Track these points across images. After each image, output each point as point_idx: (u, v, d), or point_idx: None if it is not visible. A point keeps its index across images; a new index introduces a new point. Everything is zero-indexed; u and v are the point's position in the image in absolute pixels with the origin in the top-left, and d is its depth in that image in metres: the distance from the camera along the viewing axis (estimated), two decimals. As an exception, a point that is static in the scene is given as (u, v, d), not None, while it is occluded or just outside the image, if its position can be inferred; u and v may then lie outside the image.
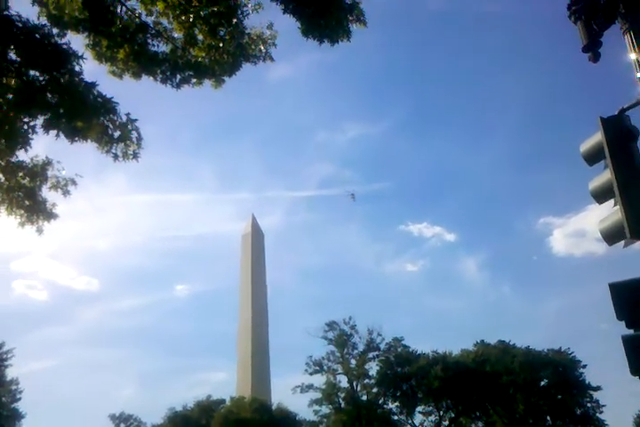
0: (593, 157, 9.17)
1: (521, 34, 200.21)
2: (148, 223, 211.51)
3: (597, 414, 71.08)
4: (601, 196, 8.89)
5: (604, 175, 8.86)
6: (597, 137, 9.03)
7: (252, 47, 9.23)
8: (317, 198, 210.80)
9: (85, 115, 7.67)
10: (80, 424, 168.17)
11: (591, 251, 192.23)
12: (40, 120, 7.47)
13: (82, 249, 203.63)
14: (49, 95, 7.37)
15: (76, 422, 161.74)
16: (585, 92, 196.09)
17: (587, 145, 9.25)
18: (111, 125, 8.20)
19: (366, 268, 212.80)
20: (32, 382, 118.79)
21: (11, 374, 58.59)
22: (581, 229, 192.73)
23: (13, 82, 7.12)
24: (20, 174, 9.15)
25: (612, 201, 8.75)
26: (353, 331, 70.21)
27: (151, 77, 8.78)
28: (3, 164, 8.87)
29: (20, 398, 59.32)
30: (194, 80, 8.95)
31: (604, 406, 70.92)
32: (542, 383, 71.85)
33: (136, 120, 8.44)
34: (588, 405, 71.40)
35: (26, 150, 7.74)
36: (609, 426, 72.48)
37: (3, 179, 9.05)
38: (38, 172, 9.23)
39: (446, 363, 70.24)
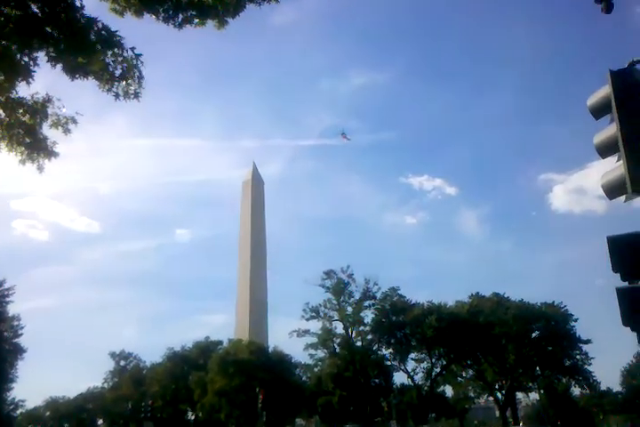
0: (599, 111, 9.04)
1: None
2: (149, 168, 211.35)
3: (586, 366, 73.20)
4: (605, 150, 8.83)
5: (609, 129, 8.76)
6: (605, 90, 8.86)
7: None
8: (320, 147, 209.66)
9: (87, 50, 7.53)
10: (81, 360, 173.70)
11: (591, 208, 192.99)
12: (41, 54, 7.37)
13: (83, 191, 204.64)
14: (49, 29, 7.24)
15: (77, 357, 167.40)
16: (595, 44, 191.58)
17: (594, 98, 9.09)
18: (112, 63, 8.07)
19: (366, 218, 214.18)
20: (34, 319, 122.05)
21: (12, 310, 59.64)
22: (582, 186, 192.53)
23: (14, 13, 6.98)
24: (20, 111, 9.03)
25: (615, 156, 8.70)
26: (350, 280, 71.34)
27: (153, 16, 8.53)
28: (2, 99, 8.75)
29: (21, 334, 60.59)
30: (196, 20, 8.72)
31: (592, 358, 72.91)
32: (534, 335, 73.58)
33: (141, 55, 8.26)
34: (578, 357, 73.33)
35: (28, 83, 7.60)
36: (597, 378, 74.97)
37: (3, 115, 8.94)
38: (38, 109, 9.11)
39: (441, 313, 71.64)
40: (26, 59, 7.35)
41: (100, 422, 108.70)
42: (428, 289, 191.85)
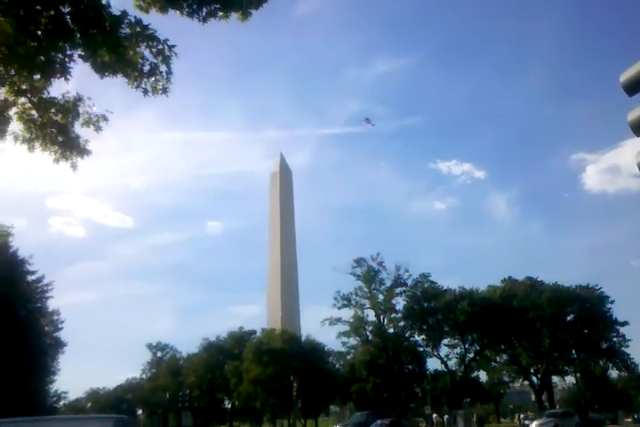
0: (633, 87, 8.77)
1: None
2: (178, 161, 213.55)
3: (623, 348, 72.20)
4: (640, 127, 8.61)
5: (645, 106, 8.55)
6: (640, 66, 8.63)
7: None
8: (346, 136, 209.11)
9: (116, 47, 7.63)
10: (118, 352, 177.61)
11: (626, 187, 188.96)
12: (74, 52, 7.50)
13: (115, 187, 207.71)
14: (78, 27, 7.36)
15: (115, 350, 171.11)
16: (628, 21, 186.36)
17: (628, 73, 8.83)
18: (141, 60, 8.15)
19: (395, 205, 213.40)
20: (73, 313, 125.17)
21: (52, 305, 60.92)
22: (616, 165, 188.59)
23: (45, 14, 7.12)
24: (53, 110, 9.21)
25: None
26: (380, 267, 71.11)
27: (177, 11, 8.58)
28: (35, 100, 8.94)
29: (61, 328, 61.80)
30: (220, 13, 8.73)
31: (630, 340, 71.84)
32: (569, 318, 72.64)
33: (174, 46, 8.32)
34: (614, 339, 72.33)
35: (66, 79, 7.73)
36: (634, 360, 73.92)
37: (36, 115, 9.15)
38: (70, 108, 9.29)
39: (473, 298, 71.15)
40: (61, 56, 7.48)
41: (140, 411, 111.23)
42: (459, 275, 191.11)
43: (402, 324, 73.09)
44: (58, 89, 9.08)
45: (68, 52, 7.47)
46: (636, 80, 8.70)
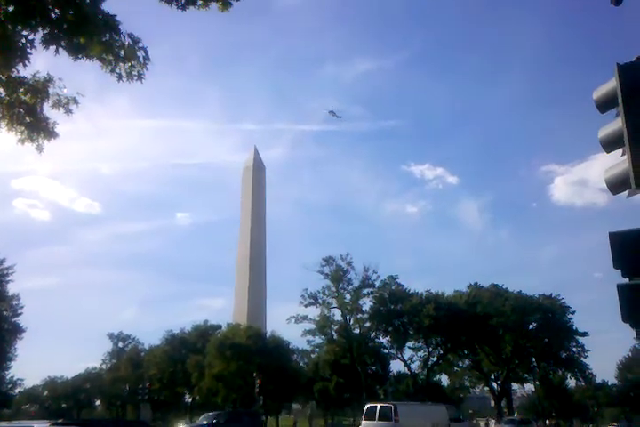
0: (605, 104, 8.93)
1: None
2: (150, 149, 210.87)
3: (582, 359, 73.71)
4: (610, 144, 8.74)
5: (614, 123, 8.67)
6: (612, 83, 8.74)
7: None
8: (323, 133, 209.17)
9: (89, 31, 7.42)
10: (79, 341, 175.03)
11: (593, 201, 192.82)
12: (39, 35, 7.23)
13: (83, 171, 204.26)
14: (50, 8, 7.13)
15: (75, 338, 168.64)
16: (603, 37, 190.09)
17: (600, 91, 8.98)
18: (116, 44, 7.96)
19: (367, 206, 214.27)
20: (33, 298, 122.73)
21: (12, 289, 59.67)
22: (584, 178, 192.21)
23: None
24: (21, 90, 8.92)
25: (620, 150, 8.63)
26: (349, 267, 71.12)
27: (155, -3, 8.41)
28: (3, 78, 8.66)
29: (21, 314, 60.71)
30: (200, 2, 8.57)
31: (588, 350, 73.37)
32: (531, 326, 73.90)
33: (139, 40, 8.13)
34: (574, 349, 73.81)
35: (24, 65, 7.49)
36: (592, 370, 75.46)
37: (3, 94, 8.84)
38: (39, 88, 9.01)
39: (438, 302, 71.79)
40: (23, 40, 7.22)
41: (98, 402, 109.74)
42: (427, 278, 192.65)
43: (367, 325, 73.41)
44: (28, 68, 8.85)
45: (30, 37, 7.22)
46: (608, 98, 8.83)
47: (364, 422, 33.40)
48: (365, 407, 34.38)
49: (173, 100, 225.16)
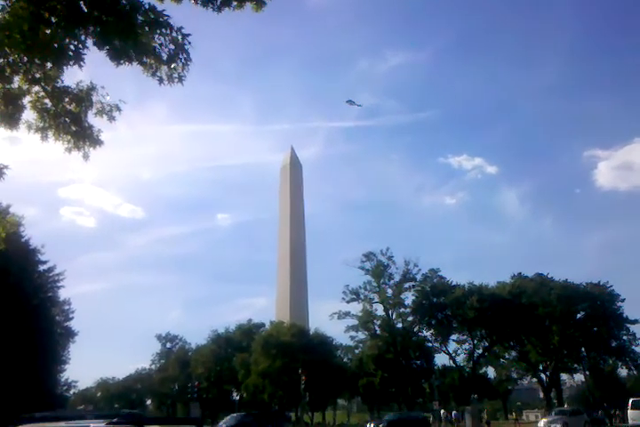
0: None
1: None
2: (188, 153, 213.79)
3: (633, 347, 71.78)
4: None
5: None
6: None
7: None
8: (358, 129, 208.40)
9: (134, 33, 7.52)
10: (128, 342, 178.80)
11: (638, 185, 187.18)
12: (88, 39, 7.39)
13: (126, 177, 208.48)
14: (95, 13, 7.25)
15: (125, 340, 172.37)
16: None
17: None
18: (158, 46, 8.02)
19: (405, 200, 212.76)
20: (83, 303, 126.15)
21: (63, 295, 61.26)
22: (628, 161, 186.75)
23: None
24: (66, 100, 9.12)
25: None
26: (390, 262, 71.03)
27: (192, 0, 8.45)
28: (49, 89, 8.86)
29: (72, 318, 62.36)
30: (235, 3, 8.57)
31: (640, 338, 71.32)
32: (579, 316, 72.28)
33: (189, 35, 8.16)
34: (624, 337, 71.93)
35: (80, 66, 7.62)
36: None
37: (49, 104, 9.06)
38: (83, 97, 9.19)
39: (482, 294, 70.90)
40: (75, 42, 7.38)
41: (149, 402, 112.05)
42: (469, 270, 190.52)
43: (410, 319, 73.07)
44: (71, 78, 8.99)
45: (81, 39, 7.36)
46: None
47: (630, 411, 42.63)
48: (630, 400, 43.48)
49: (208, 104, 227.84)
